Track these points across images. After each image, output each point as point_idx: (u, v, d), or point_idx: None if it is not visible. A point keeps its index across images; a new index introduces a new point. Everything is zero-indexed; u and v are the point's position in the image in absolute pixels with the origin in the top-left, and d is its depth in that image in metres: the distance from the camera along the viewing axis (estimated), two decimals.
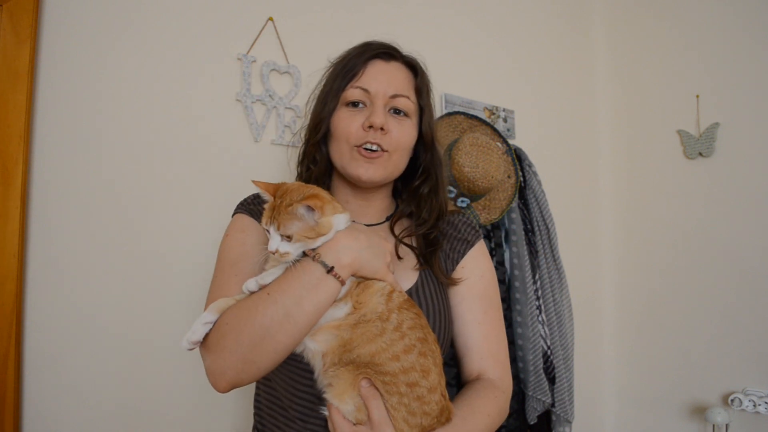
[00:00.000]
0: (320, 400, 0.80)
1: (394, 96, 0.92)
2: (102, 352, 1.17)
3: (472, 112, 1.83)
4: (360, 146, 0.90)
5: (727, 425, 1.85)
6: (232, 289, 0.81)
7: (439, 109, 1.80)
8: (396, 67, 0.95)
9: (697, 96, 2.06)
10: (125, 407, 1.19)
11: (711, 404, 1.97)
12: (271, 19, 1.43)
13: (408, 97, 0.94)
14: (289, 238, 0.75)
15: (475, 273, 0.97)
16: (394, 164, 0.94)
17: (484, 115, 1.89)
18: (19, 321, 1.09)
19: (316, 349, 0.77)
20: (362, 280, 0.80)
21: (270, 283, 0.76)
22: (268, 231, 0.77)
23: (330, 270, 0.75)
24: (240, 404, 1.33)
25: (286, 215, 0.74)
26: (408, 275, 0.92)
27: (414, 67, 0.98)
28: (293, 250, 0.75)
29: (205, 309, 0.78)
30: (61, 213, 1.15)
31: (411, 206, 0.99)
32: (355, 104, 0.92)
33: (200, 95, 1.33)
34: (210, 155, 1.33)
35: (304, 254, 0.77)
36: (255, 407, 0.96)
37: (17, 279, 1.08)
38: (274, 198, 0.78)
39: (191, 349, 0.76)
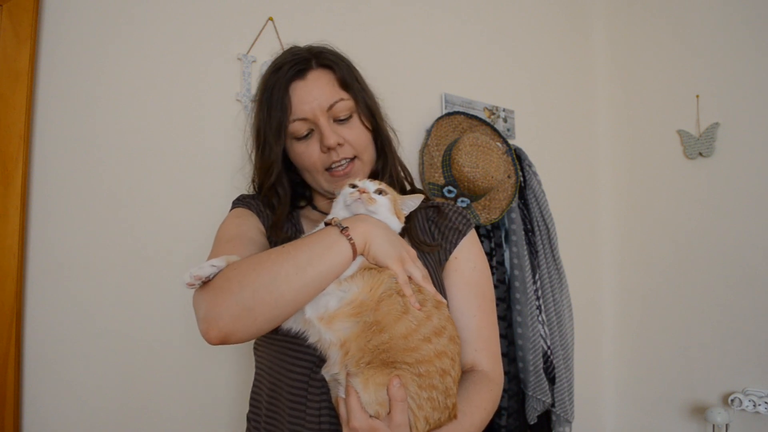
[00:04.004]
0: (313, 388, 0.80)
1: (330, 107, 0.93)
2: (102, 352, 1.17)
3: (472, 112, 1.83)
4: (330, 169, 0.96)
5: (727, 425, 1.85)
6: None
7: (439, 109, 1.80)
8: (314, 77, 0.94)
9: (697, 96, 2.06)
10: (125, 407, 1.19)
11: (711, 404, 1.97)
12: (271, 19, 1.43)
13: (341, 99, 0.95)
14: (379, 194, 0.85)
15: (468, 264, 0.97)
16: (368, 162, 1.00)
17: (484, 115, 1.89)
18: (19, 321, 1.09)
19: (332, 339, 0.75)
20: (374, 267, 0.80)
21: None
22: (355, 185, 0.86)
23: (343, 229, 0.77)
24: (240, 405, 1.33)
25: (386, 184, 0.89)
26: None
27: (329, 66, 0.96)
28: (380, 200, 0.84)
29: None
30: (61, 213, 1.15)
31: None
32: (304, 136, 0.95)
33: (200, 95, 1.33)
34: (210, 155, 1.33)
35: (326, 223, 0.82)
36: (251, 401, 0.96)
37: (17, 279, 1.08)
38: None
39: (191, 285, 0.73)
